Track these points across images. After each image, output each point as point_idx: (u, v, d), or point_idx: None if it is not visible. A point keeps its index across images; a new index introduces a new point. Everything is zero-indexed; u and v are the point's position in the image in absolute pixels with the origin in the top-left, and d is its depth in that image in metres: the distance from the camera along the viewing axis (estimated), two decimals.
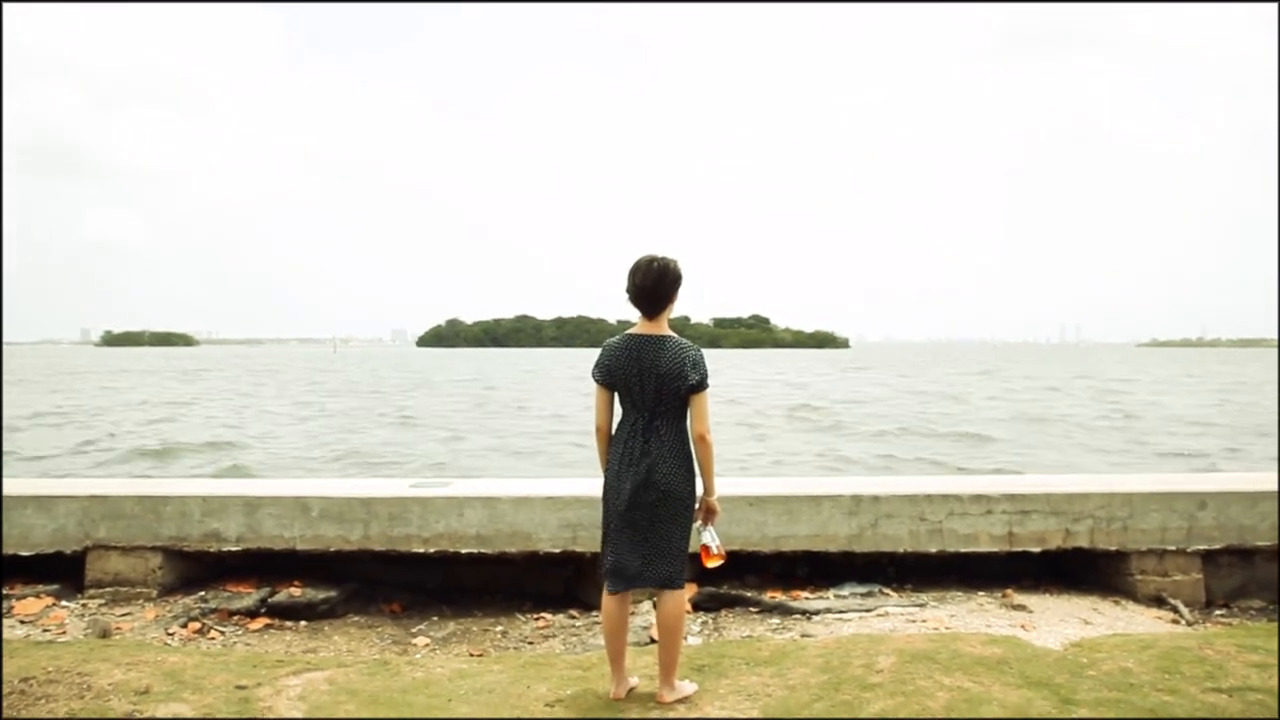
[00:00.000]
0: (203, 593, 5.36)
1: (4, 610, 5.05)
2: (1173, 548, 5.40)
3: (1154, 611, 5.16)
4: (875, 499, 5.42)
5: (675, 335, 3.53)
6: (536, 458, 17.96)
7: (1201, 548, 5.41)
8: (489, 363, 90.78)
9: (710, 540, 3.62)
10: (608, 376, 3.56)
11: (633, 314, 3.61)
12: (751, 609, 5.19)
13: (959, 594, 5.34)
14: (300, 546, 5.38)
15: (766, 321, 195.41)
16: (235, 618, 5.09)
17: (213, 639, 4.81)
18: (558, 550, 5.33)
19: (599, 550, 3.71)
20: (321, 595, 5.29)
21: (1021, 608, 5.10)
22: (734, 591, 5.34)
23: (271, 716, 3.34)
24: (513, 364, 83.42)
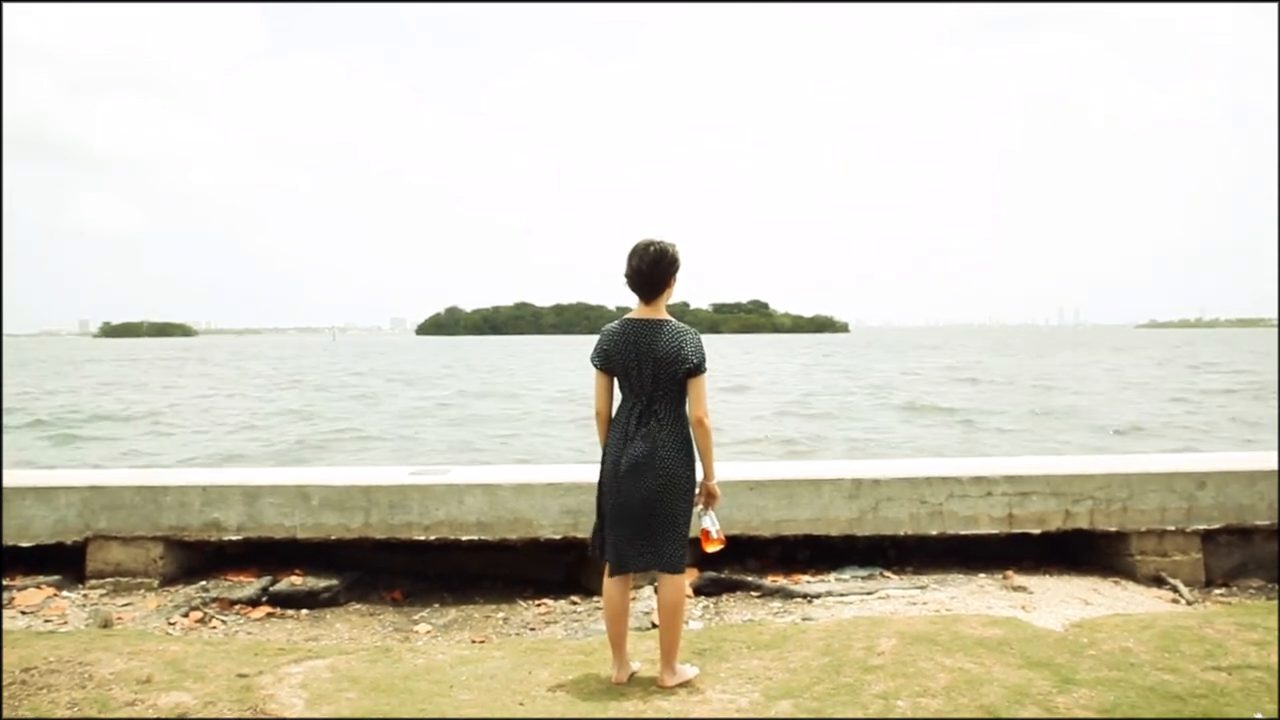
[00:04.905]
0: (204, 582, 5.36)
1: (5, 601, 5.05)
2: (1172, 528, 5.41)
3: (1154, 591, 5.17)
4: (875, 482, 5.42)
5: (673, 319, 3.53)
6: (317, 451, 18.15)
7: (1201, 527, 5.42)
8: (458, 351, 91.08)
9: (710, 525, 3.62)
10: (606, 361, 3.55)
11: (632, 300, 3.60)
12: (752, 593, 5.20)
13: (959, 576, 5.35)
14: (301, 535, 5.38)
15: (765, 306, 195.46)
16: (236, 607, 5.10)
17: (214, 628, 4.82)
18: (559, 537, 5.33)
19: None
20: (323, 583, 5.29)
21: (1022, 589, 5.10)
22: (735, 576, 5.34)
23: (273, 704, 3.35)
24: (477, 354, 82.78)
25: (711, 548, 3.63)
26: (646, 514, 3.47)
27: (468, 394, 32.46)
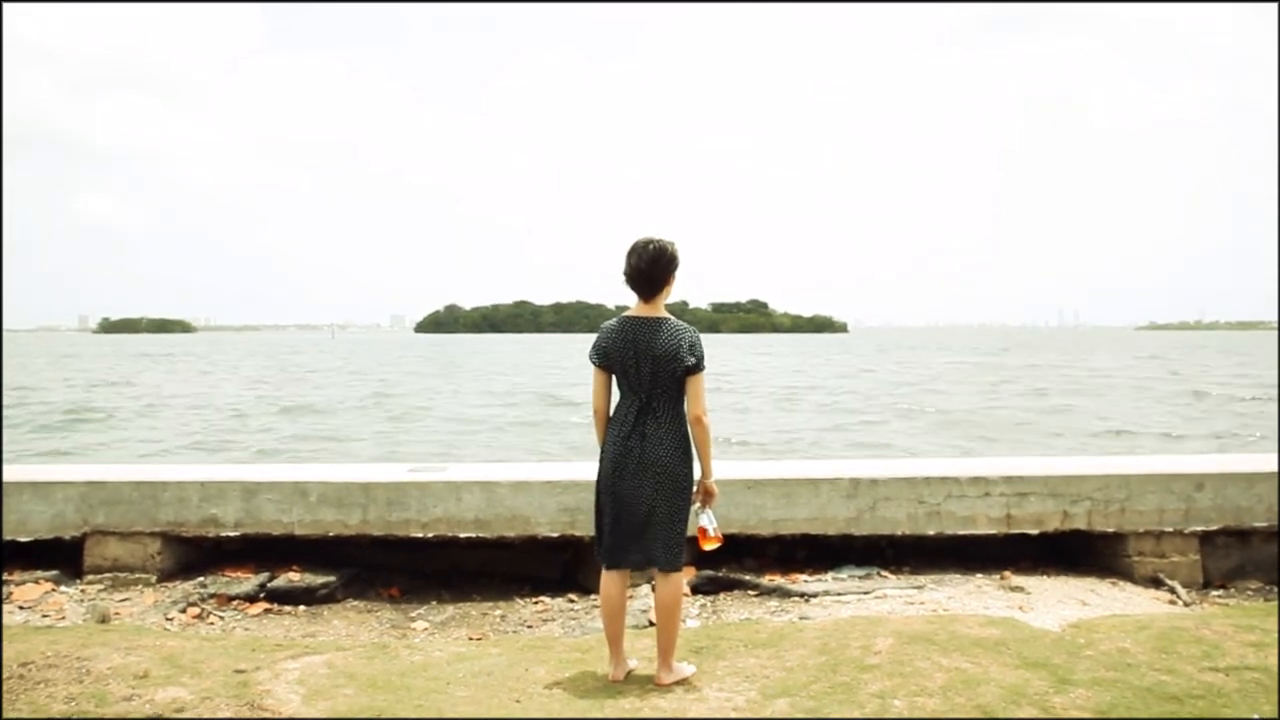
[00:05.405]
0: (201, 578, 5.36)
1: (3, 596, 5.05)
2: (1170, 529, 5.41)
3: (1151, 592, 5.17)
4: (873, 482, 5.42)
5: (672, 318, 3.53)
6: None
7: (1199, 529, 5.42)
8: (451, 348, 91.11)
9: (708, 523, 3.62)
10: (604, 359, 3.55)
11: (631, 299, 3.60)
12: (750, 592, 5.20)
13: (957, 576, 5.35)
14: (299, 531, 5.38)
15: (765, 306, 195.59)
16: (234, 602, 5.10)
17: (211, 624, 4.82)
18: (556, 534, 5.33)
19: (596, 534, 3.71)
20: (320, 580, 5.29)
21: (1019, 589, 5.10)
22: (732, 574, 5.34)
23: (270, 700, 3.35)
24: (439, 353, 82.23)
25: (709, 546, 3.63)
26: (644, 512, 3.47)
27: (434, 392, 32.50)
